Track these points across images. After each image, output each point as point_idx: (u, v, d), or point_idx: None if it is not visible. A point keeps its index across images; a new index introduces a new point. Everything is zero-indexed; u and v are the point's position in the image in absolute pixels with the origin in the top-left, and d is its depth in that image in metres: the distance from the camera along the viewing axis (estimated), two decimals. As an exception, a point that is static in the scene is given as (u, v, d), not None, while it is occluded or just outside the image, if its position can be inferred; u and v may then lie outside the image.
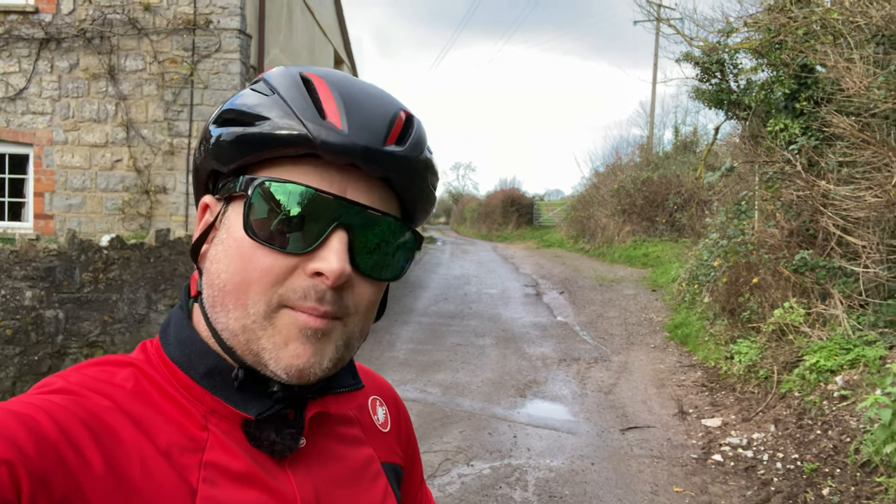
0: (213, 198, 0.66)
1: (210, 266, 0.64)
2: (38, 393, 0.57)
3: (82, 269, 5.56)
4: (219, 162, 0.64)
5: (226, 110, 0.64)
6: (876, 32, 5.64)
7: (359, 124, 0.60)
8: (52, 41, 8.20)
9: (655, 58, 22.97)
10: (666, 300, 10.47)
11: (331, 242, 0.59)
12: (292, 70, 0.65)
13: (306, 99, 0.61)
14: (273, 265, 0.59)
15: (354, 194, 0.61)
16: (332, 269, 0.58)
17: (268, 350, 0.60)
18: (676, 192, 16.37)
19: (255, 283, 0.59)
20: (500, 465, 4.51)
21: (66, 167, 8.33)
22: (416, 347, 7.73)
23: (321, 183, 0.60)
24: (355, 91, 0.63)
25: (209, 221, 0.66)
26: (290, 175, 0.60)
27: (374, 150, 0.60)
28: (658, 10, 18.19)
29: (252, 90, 0.64)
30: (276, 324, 0.60)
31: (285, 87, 0.62)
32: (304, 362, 0.60)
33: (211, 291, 0.63)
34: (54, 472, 0.50)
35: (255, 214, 0.60)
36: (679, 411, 5.62)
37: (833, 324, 5.72)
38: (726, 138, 11.14)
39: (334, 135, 0.59)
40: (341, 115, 0.60)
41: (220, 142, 0.63)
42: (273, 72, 0.66)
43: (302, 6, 11.06)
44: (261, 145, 0.61)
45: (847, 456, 4.13)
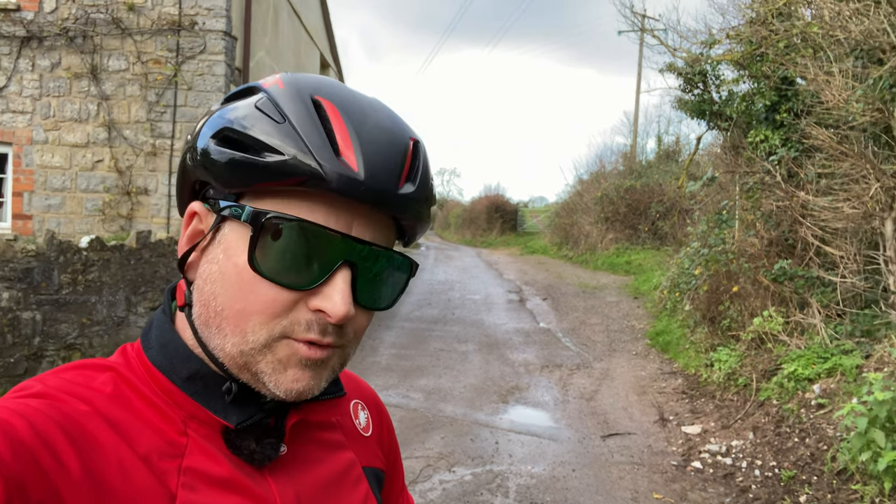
0: (204, 207, 0.64)
1: (203, 285, 0.62)
2: (15, 397, 0.56)
3: (61, 271, 5.48)
4: (215, 180, 0.61)
5: (228, 129, 0.60)
6: (855, 46, 5.75)
7: (374, 166, 0.58)
8: (33, 39, 8.10)
9: (639, 68, 23.21)
10: (647, 308, 10.54)
11: (335, 281, 0.59)
12: (302, 89, 0.61)
13: (320, 132, 0.58)
14: (276, 299, 0.59)
15: (360, 231, 0.60)
16: (337, 311, 0.58)
17: (267, 374, 0.60)
18: (659, 200, 16.54)
19: (257, 314, 0.59)
20: (481, 471, 4.50)
21: (46, 167, 8.22)
22: (399, 353, 7.71)
23: (328, 219, 0.59)
24: (368, 122, 0.61)
25: (199, 231, 0.64)
26: (295, 209, 0.59)
27: (389, 194, 0.59)
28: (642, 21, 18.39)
29: (258, 110, 0.60)
30: (276, 352, 0.60)
31: (297, 115, 0.59)
32: (303, 386, 0.61)
33: (204, 311, 0.62)
34: (31, 477, 0.49)
35: (260, 248, 0.58)
36: (659, 418, 5.66)
37: (811, 333, 5.80)
38: (708, 148, 11.28)
39: (349, 178, 0.57)
40: (356, 154, 0.58)
41: (220, 162, 0.60)
42: (279, 87, 0.62)
43: (288, 9, 11.04)
44: (268, 176, 0.58)
45: (824, 464, 4.19)
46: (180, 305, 0.66)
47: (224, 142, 0.60)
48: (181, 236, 0.66)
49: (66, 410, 0.55)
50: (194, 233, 0.65)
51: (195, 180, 0.65)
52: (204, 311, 0.62)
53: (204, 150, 0.61)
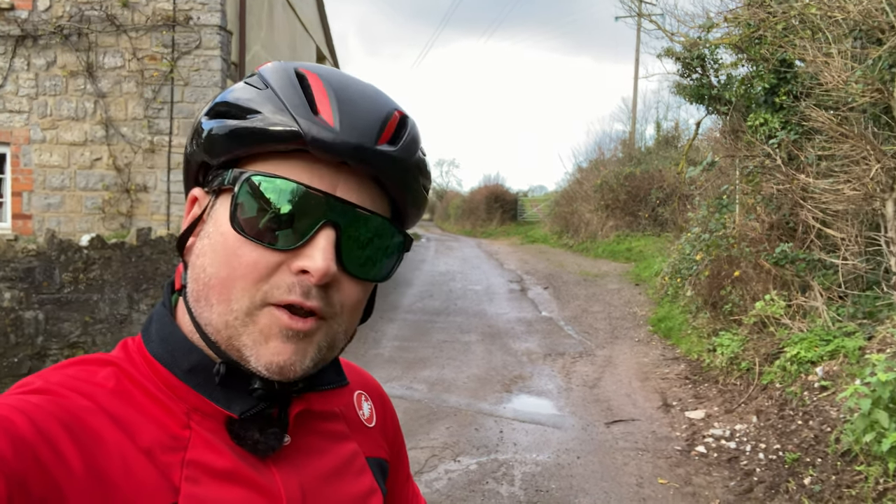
0: (202, 190, 0.66)
1: (195, 260, 0.63)
2: (15, 393, 0.56)
3: (62, 270, 5.48)
4: (209, 155, 0.63)
5: (219, 102, 0.63)
6: (853, 27, 5.72)
7: (351, 122, 0.59)
8: (28, 38, 8.06)
9: (637, 53, 23.10)
10: (649, 294, 10.55)
11: (317, 240, 0.59)
12: (287, 65, 0.64)
13: (299, 94, 0.60)
14: (258, 260, 0.59)
15: (344, 192, 0.60)
16: (317, 266, 0.58)
17: (248, 346, 0.60)
18: (659, 186, 16.50)
19: (240, 278, 0.59)
20: (486, 460, 4.52)
21: (45, 166, 8.21)
22: (402, 344, 7.73)
23: (311, 179, 0.59)
24: (350, 89, 0.62)
25: (197, 214, 0.65)
26: (279, 170, 0.60)
27: (366, 149, 0.59)
28: (639, 6, 18.29)
29: (246, 83, 0.64)
30: (258, 321, 0.59)
31: (279, 81, 0.62)
32: (284, 359, 0.60)
33: (195, 285, 0.62)
34: (32, 473, 0.49)
35: (243, 209, 0.59)
36: (663, 404, 5.67)
37: (813, 315, 5.80)
38: (707, 133, 11.24)
39: (325, 132, 0.58)
40: (334, 112, 0.59)
41: (210, 134, 0.62)
42: (268, 66, 0.65)
43: (283, 2, 10.98)
44: (251, 139, 0.60)
45: (828, 445, 4.20)
46: (177, 289, 0.66)
47: (216, 115, 0.63)
48: (183, 222, 0.67)
49: (67, 406, 0.55)
50: (192, 217, 0.66)
51: (197, 165, 0.66)
52: (195, 287, 0.62)
53: (199, 128, 0.65)
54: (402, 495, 0.88)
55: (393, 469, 0.84)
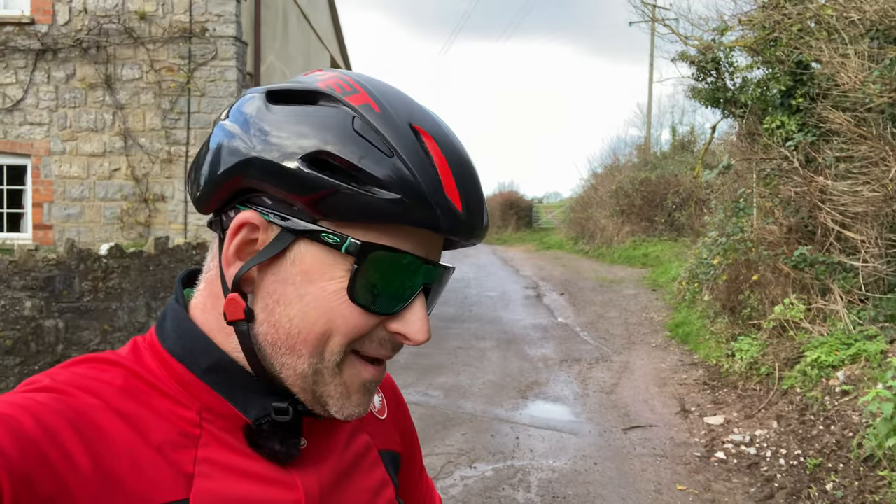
0: (263, 219, 0.59)
1: (275, 306, 0.59)
2: (23, 391, 0.56)
3: (81, 279, 5.56)
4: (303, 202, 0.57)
5: (325, 152, 0.55)
6: (870, 27, 5.66)
7: (471, 203, 0.59)
8: (48, 52, 8.21)
9: (651, 58, 23.03)
10: (666, 299, 10.46)
11: (416, 306, 0.61)
12: (400, 115, 0.58)
13: (429, 170, 0.57)
14: (364, 323, 0.59)
15: (434, 256, 0.62)
16: (419, 338, 0.60)
17: (333, 398, 0.61)
18: (675, 191, 16.40)
19: (341, 335, 0.59)
20: (502, 466, 4.50)
21: (65, 177, 8.34)
22: (418, 351, 7.72)
23: (415, 246, 0.60)
24: (457, 154, 0.60)
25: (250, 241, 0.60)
26: (388, 237, 0.58)
27: (479, 230, 0.61)
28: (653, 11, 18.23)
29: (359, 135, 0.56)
30: (344, 373, 0.61)
31: (405, 148, 0.56)
32: (363, 410, 0.63)
33: (274, 332, 0.59)
34: (38, 472, 0.49)
35: (363, 280, 0.58)
36: (681, 410, 5.61)
37: (833, 319, 5.72)
38: (723, 137, 11.15)
39: (458, 221, 0.58)
40: (460, 195, 0.58)
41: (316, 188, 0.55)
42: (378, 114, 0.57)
43: (298, 13, 11.09)
44: (382, 216, 0.56)
45: (850, 451, 4.13)
46: (232, 320, 0.60)
47: (318, 165, 0.56)
48: (226, 244, 0.60)
49: (73, 404, 0.55)
50: (246, 243, 0.60)
51: (246, 186, 0.59)
52: (273, 332, 0.60)
53: (286, 169, 0.56)
54: (416, 487, 0.88)
55: (406, 462, 0.83)
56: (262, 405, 0.61)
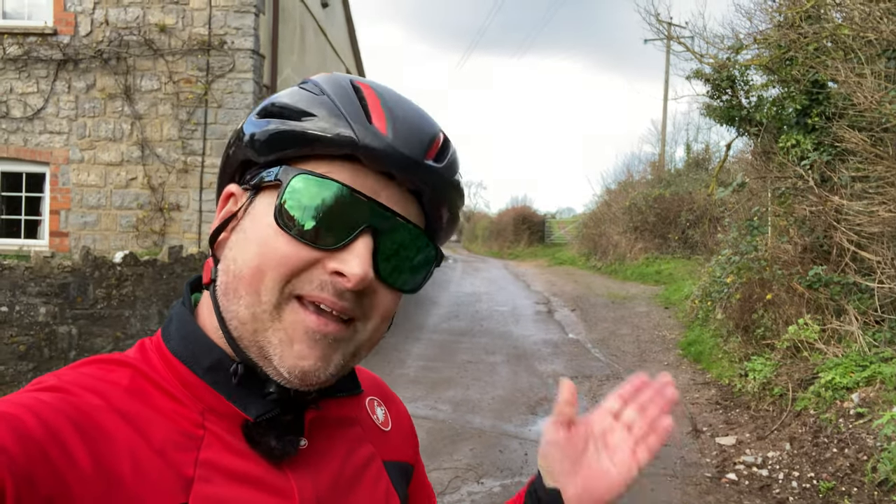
0: (240, 187, 0.66)
1: (228, 252, 0.63)
2: (28, 391, 0.56)
3: (96, 286, 5.61)
4: (256, 153, 0.64)
5: (271, 104, 0.64)
6: (887, 47, 5.63)
7: (402, 134, 0.61)
8: (69, 62, 8.35)
9: (666, 75, 23.04)
10: (679, 317, 10.38)
11: (356, 245, 0.59)
12: (342, 76, 0.66)
13: (355, 103, 0.62)
14: (293, 254, 0.59)
15: (387, 201, 0.62)
16: (354, 273, 0.58)
17: (273, 345, 0.60)
18: (688, 208, 16.32)
19: (272, 269, 0.59)
20: (510, 482, 4.46)
21: (82, 185, 8.44)
22: (427, 364, 7.70)
23: (356, 183, 0.60)
24: (402, 104, 0.64)
25: (232, 210, 0.66)
26: (326, 172, 0.61)
27: (414, 161, 0.61)
28: (668, 29, 18.25)
29: (301, 88, 0.65)
30: (284, 318, 0.59)
31: (335, 89, 0.63)
32: (309, 364, 0.60)
33: (225, 278, 0.62)
34: (40, 472, 0.49)
35: (287, 204, 0.60)
36: (693, 429, 5.55)
37: (848, 340, 5.65)
38: (738, 155, 11.11)
39: (378, 140, 0.59)
40: (387, 123, 0.61)
41: (261, 133, 0.63)
42: (321, 75, 0.66)
43: (315, 27, 11.22)
44: (304, 141, 0.61)
45: (864, 474, 4.06)
46: (206, 283, 0.67)
47: (266, 115, 0.64)
48: (215, 217, 0.68)
49: (77, 404, 0.55)
50: (227, 213, 0.66)
51: (236, 165, 0.67)
52: (224, 279, 0.63)
53: (246, 130, 0.65)
54: (424, 497, 0.87)
55: (416, 472, 0.83)
56: (261, 404, 0.62)
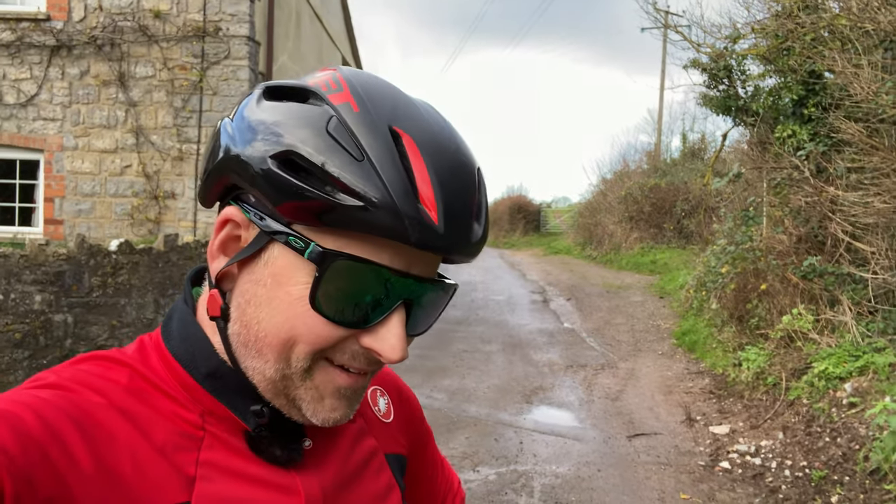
0: (244, 217, 0.58)
1: (246, 306, 0.58)
2: (27, 388, 0.55)
3: (91, 274, 5.59)
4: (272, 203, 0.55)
5: (294, 153, 0.54)
6: (884, 38, 5.63)
7: (452, 216, 0.54)
8: (63, 48, 8.28)
9: (663, 64, 22.99)
10: (673, 307, 10.42)
11: (391, 322, 0.57)
12: (380, 116, 0.55)
13: (401, 176, 0.53)
14: (329, 334, 0.56)
15: (419, 268, 0.57)
16: (393, 356, 0.56)
17: (305, 401, 0.59)
18: (684, 198, 16.35)
19: (304, 343, 0.56)
20: (505, 471, 4.49)
21: (77, 173, 8.40)
22: (422, 353, 7.73)
23: (392, 259, 0.55)
24: (445, 159, 0.56)
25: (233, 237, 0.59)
26: (359, 248, 0.54)
27: (463, 246, 0.56)
28: (665, 18, 18.20)
29: (331, 137, 0.54)
30: (315, 378, 0.59)
31: (377, 151, 0.53)
32: (340, 415, 0.60)
33: (245, 332, 0.59)
34: (40, 471, 0.49)
35: (325, 289, 0.55)
36: (686, 418, 5.59)
37: (842, 330, 5.68)
38: (734, 145, 11.12)
39: (432, 234, 0.53)
40: (438, 206, 0.53)
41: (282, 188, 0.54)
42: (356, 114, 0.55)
43: (310, 13, 11.14)
44: (340, 222, 0.53)
45: (856, 463, 4.10)
46: (212, 316, 0.61)
47: (287, 166, 0.54)
48: (212, 239, 0.61)
49: (78, 402, 0.54)
50: (229, 238, 0.60)
51: (230, 185, 0.59)
52: (244, 332, 0.59)
53: (259, 167, 0.55)
54: (428, 479, 0.88)
55: (414, 461, 0.83)
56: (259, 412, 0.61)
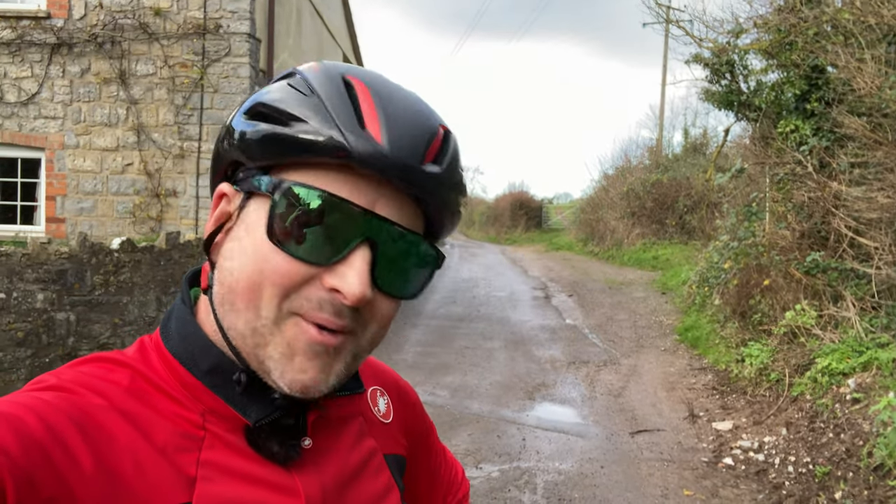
0: (233, 188, 0.63)
1: (223, 262, 0.61)
2: (29, 390, 0.56)
3: (93, 272, 5.59)
4: (245, 156, 0.61)
5: (259, 103, 0.60)
6: (887, 32, 5.60)
7: (399, 139, 0.57)
8: (63, 46, 8.26)
9: (665, 59, 22.88)
10: (676, 303, 10.41)
11: (353, 259, 0.57)
12: (334, 70, 0.62)
13: (347, 106, 0.58)
14: (290, 271, 0.57)
15: (384, 209, 0.58)
16: (352, 292, 0.56)
17: (274, 359, 0.58)
18: (686, 194, 16.31)
19: (269, 285, 0.57)
20: (508, 467, 4.49)
21: (78, 171, 8.39)
22: (425, 350, 7.73)
23: (351, 194, 0.57)
24: (397, 101, 0.60)
25: (226, 212, 0.63)
26: (319, 181, 0.57)
27: (412, 169, 0.58)
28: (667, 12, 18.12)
29: (289, 86, 0.61)
30: (284, 332, 0.58)
31: (326, 89, 0.59)
32: (309, 378, 0.58)
33: (221, 288, 0.60)
34: (41, 473, 0.49)
35: (279, 218, 0.57)
36: (689, 414, 5.58)
37: (845, 326, 5.67)
38: (736, 140, 11.09)
39: (373, 148, 0.56)
40: (382, 127, 0.57)
41: (249, 136, 0.60)
42: (313, 69, 0.62)
43: (311, 10, 11.11)
44: (294, 148, 0.58)
45: (860, 459, 4.09)
46: (203, 288, 0.65)
47: (255, 116, 0.60)
48: (209, 218, 0.65)
49: (79, 403, 0.55)
50: (221, 214, 0.63)
51: (227, 163, 0.64)
52: (220, 289, 0.61)
53: (233, 127, 0.62)
54: (430, 477, 0.88)
55: (414, 460, 0.83)
56: (261, 407, 0.61)
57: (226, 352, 0.62)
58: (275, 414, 0.61)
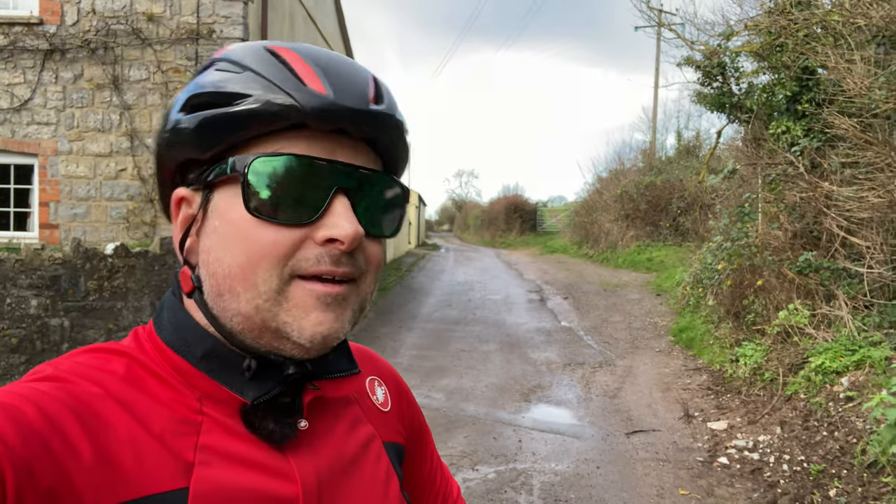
0: (189, 190, 0.64)
1: (206, 257, 0.62)
2: (26, 381, 0.56)
3: (87, 278, 5.58)
4: (198, 149, 0.61)
5: (194, 95, 0.61)
6: (876, 33, 5.65)
7: (342, 88, 0.60)
8: (56, 52, 8.25)
9: (657, 62, 23.00)
10: (670, 304, 10.44)
11: (335, 208, 0.59)
12: (255, 45, 0.63)
13: (282, 70, 0.60)
14: (279, 239, 0.58)
15: (343, 156, 0.61)
16: (346, 234, 0.58)
17: (289, 323, 0.59)
18: (680, 196, 16.37)
19: (263, 259, 0.58)
20: (505, 469, 4.49)
21: (71, 177, 8.37)
22: (421, 353, 7.73)
23: (311, 151, 0.60)
24: (325, 58, 0.63)
25: (191, 215, 0.64)
26: (278, 148, 0.59)
27: (361, 111, 0.60)
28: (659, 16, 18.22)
29: (218, 70, 0.62)
30: (291, 297, 0.59)
31: (256, 62, 0.61)
32: (327, 328, 0.60)
33: (214, 282, 0.61)
34: (40, 462, 0.49)
35: (253, 193, 0.58)
36: (684, 415, 5.60)
37: (838, 325, 5.70)
38: (729, 142, 11.14)
39: (321, 100, 0.58)
40: (322, 81, 0.59)
41: (194, 127, 0.60)
42: (233, 50, 0.63)
43: (304, 15, 11.13)
44: (247, 123, 0.59)
45: (854, 457, 4.11)
46: (188, 292, 0.65)
47: (195, 108, 0.61)
48: (174, 227, 0.65)
49: (76, 393, 0.55)
50: (185, 218, 0.64)
51: (176, 166, 0.64)
52: (213, 283, 0.61)
53: (175, 126, 0.62)
54: (424, 474, 0.88)
55: (410, 452, 0.84)
56: (258, 385, 0.62)
57: (220, 339, 0.63)
58: (274, 390, 0.62)
